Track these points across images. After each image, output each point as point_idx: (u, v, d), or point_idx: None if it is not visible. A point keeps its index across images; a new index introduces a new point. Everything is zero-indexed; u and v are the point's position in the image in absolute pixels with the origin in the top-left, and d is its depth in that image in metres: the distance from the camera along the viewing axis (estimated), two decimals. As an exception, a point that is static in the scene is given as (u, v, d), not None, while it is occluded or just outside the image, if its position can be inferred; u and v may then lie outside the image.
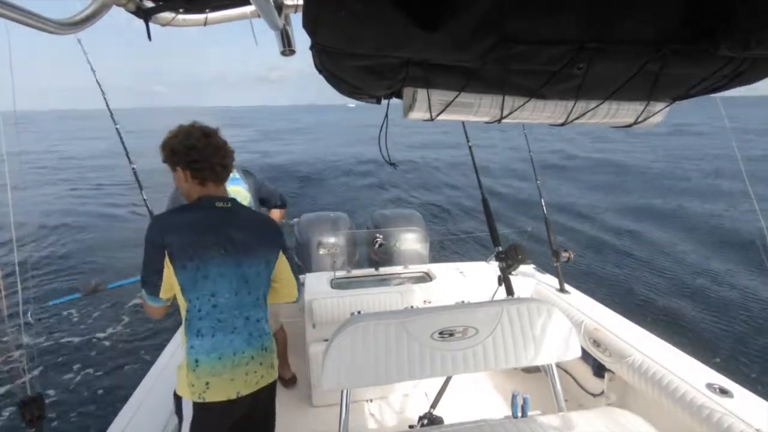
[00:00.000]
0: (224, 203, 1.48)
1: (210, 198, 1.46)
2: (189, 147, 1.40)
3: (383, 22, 0.70)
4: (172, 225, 1.40)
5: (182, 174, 1.45)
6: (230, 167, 1.50)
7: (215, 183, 1.47)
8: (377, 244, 3.51)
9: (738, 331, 5.05)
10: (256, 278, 1.50)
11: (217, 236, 1.42)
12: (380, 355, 1.45)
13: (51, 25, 0.77)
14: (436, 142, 20.83)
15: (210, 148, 1.42)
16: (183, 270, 1.38)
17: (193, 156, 1.40)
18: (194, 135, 1.41)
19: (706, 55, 0.82)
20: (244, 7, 1.29)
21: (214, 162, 1.42)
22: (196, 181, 1.45)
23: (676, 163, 16.36)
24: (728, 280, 6.47)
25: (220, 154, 1.44)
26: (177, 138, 1.43)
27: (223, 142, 1.47)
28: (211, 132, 1.46)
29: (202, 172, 1.43)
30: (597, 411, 1.56)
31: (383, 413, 2.51)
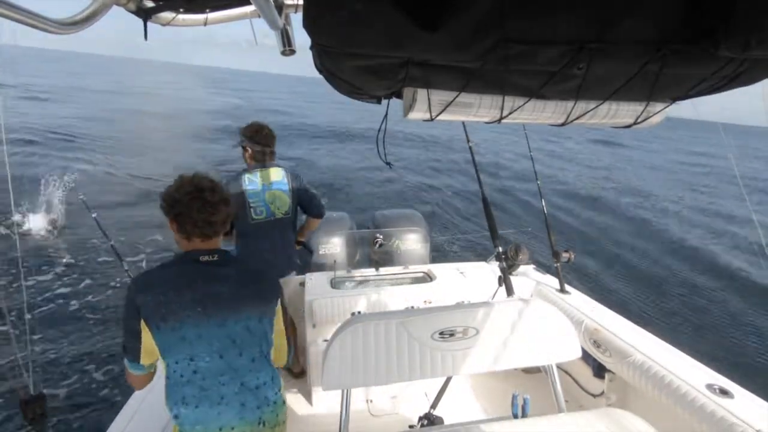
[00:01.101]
0: (210, 256, 1.36)
1: (194, 252, 1.37)
2: (174, 200, 1.33)
3: (383, 22, 0.70)
4: (148, 283, 1.31)
5: (170, 225, 1.39)
6: (219, 224, 1.38)
7: (201, 238, 1.38)
8: (377, 244, 3.51)
9: (738, 330, 5.05)
10: (247, 336, 1.35)
11: (195, 293, 1.30)
12: (380, 355, 1.45)
13: (51, 25, 0.77)
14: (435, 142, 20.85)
15: (196, 203, 1.33)
16: (158, 331, 1.27)
17: (177, 209, 1.33)
18: (184, 189, 1.34)
19: (706, 55, 0.82)
20: (244, 7, 1.29)
21: (197, 218, 1.33)
22: (183, 235, 1.38)
23: (676, 163, 16.34)
24: (729, 279, 6.46)
25: (207, 210, 1.33)
26: (170, 189, 1.37)
27: (216, 200, 1.35)
28: (204, 186, 1.35)
29: (185, 226, 1.35)
30: (597, 411, 1.56)
31: (383, 413, 2.51)
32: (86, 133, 16.00)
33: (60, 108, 22.28)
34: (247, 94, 48.32)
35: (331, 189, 11.69)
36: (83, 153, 13.13)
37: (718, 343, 4.77)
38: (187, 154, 14.34)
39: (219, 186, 1.39)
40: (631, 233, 8.65)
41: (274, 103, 38.61)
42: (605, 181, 13.74)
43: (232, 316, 1.32)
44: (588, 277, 6.31)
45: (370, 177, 12.95)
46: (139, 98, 32.27)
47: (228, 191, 1.42)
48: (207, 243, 1.39)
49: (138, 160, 12.65)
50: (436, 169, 14.72)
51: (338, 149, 17.35)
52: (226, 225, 1.41)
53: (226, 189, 1.42)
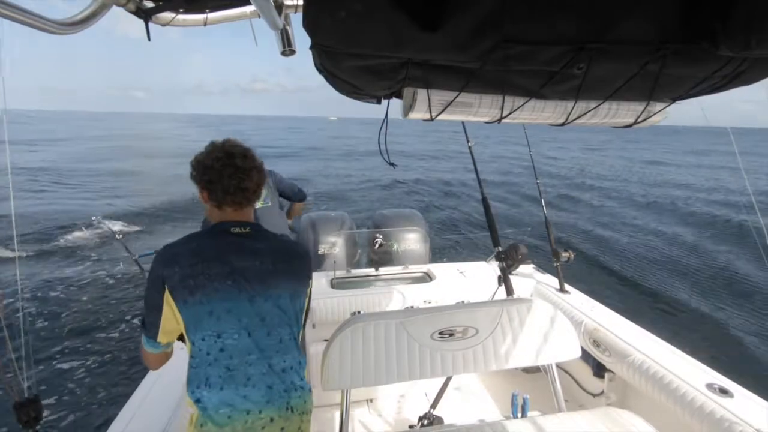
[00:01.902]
0: (241, 228, 1.29)
1: (225, 223, 1.29)
2: (206, 167, 1.27)
3: (383, 23, 0.70)
4: (175, 255, 1.22)
5: (201, 194, 1.32)
6: (251, 191, 1.31)
7: (233, 207, 1.30)
8: (377, 244, 3.51)
9: (739, 330, 5.05)
10: (276, 315, 1.27)
11: (225, 265, 1.22)
12: (380, 355, 1.45)
13: (51, 25, 0.77)
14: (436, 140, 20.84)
15: (228, 169, 1.26)
16: (184, 305, 1.19)
17: (209, 176, 1.26)
18: (214, 154, 1.27)
19: (706, 55, 0.82)
20: (244, 7, 1.29)
21: (228, 184, 1.26)
22: (214, 204, 1.30)
23: (676, 162, 16.35)
24: (729, 279, 6.47)
25: (238, 176, 1.26)
26: (200, 155, 1.30)
27: (248, 166, 1.29)
28: (236, 152, 1.29)
29: (216, 194, 1.28)
30: (597, 411, 1.56)
31: (383, 413, 2.51)
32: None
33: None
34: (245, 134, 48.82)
35: (331, 189, 11.69)
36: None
37: (718, 343, 4.77)
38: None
39: (251, 152, 1.33)
40: (631, 233, 8.66)
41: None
42: (606, 180, 13.75)
43: (263, 292, 1.25)
44: (588, 276, 6.31)
45: (370, 178, 12.95)
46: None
47: (260, 159, 1.36)
48: (239, 213, 1.32)
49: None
50: (435, 169, 14.72)
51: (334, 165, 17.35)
52: (258, 193, 1.34)
53: (258, 157, 1.37)
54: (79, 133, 42.49)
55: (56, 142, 32.47)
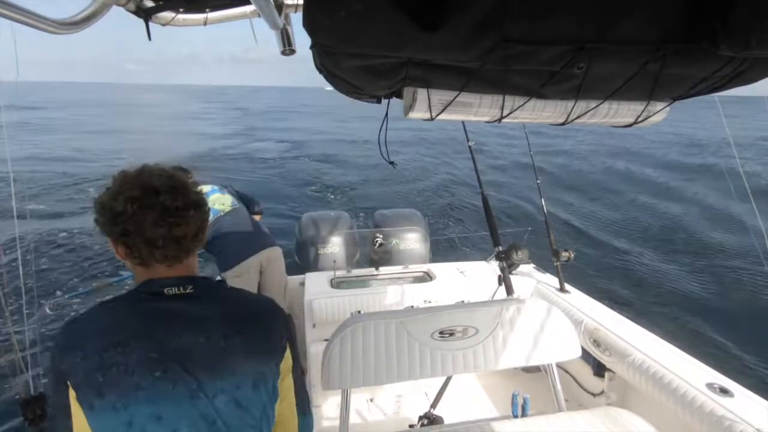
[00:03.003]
0: (179, 288, 0.91)
1: (155, 282, 0.91)
2: (116, 213, 0.87)
3: (383, 22, 0.70)
4: (79, 336, 0.86)
5: (115, 249, 0.93)
6: (189, 239, 0.92)
7: (167, 264, 0.92)
8: (377, 244, 3.51)
9: (739, 330, 5.05)
10: (234, 415, 0.87)
11: (151, 348, 0.84)
12: (380, 355, 1.45)
13: (51, 25, 0.77)
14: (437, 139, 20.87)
15: (150, 213, 0.87)
16: (91, 412, 0.81)
17: (122, 225, 0.87)
18: (125, 193, 0.87)
19: (706, 55, 0.82)
20: (244, 6, 1.29)
21: (154, 234, 0.87)
22: (136, 261, 0.92)
23: (675, 162, 16.38)
24: (729, 279, 6.47)
25: (168, 221, 0.88)
26: (105, 197, 0.90)
27: (182, 203, 0.90)
28: (160, 185, 0.89)
29: (138, 249, 0.89)
30: (597, 411, 1.56)
31: (383, 413, 2.52)
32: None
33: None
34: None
35: (331, 189, 11.70)
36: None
37: (719, 343, 4.77)
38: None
39: (182, 181, 0.94)
40: (631, 232, 8.65)
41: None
42: (606, 180, 13.76)
43: (211, 384, 0.86)
44: (588, 276, 6.31)
45: (370, 177, 12.96)
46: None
47: (199, 189, 0.98)
48: (174, 269, 0.94)
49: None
50: (436, 169, 14.73)
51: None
52: (201, 238, 0.96)
53: (193, 180, 0.98)
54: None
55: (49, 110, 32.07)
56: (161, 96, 74.92)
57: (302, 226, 3.70)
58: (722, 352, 4.57)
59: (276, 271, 2.99)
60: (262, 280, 2.95)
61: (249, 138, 21.75)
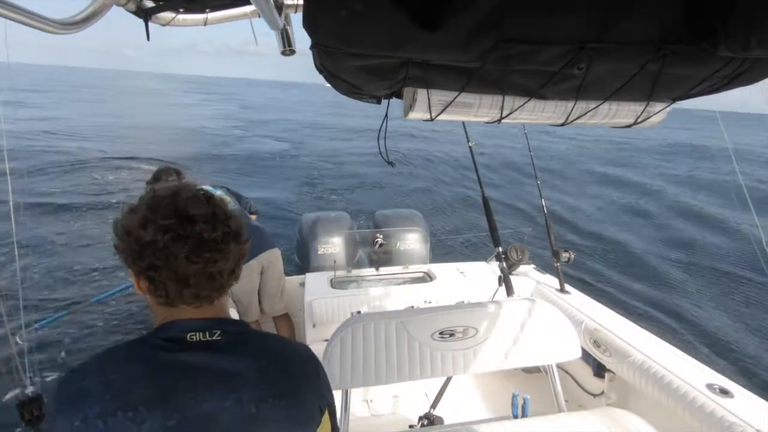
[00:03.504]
0: (204, 333, 0.78)
1: (177, 325, 0.78)
2: (143, 244, 0.73)
3: (383, 22, 0.70)
4: (81, 393, 0.71)
5: (136, 282, 0.79)
6: (226, 276, 0.80)
7: (195, 304, 0.79)
8: (377, 244, 3.51)
9: (739, 330, 5.05)
10: None
11: (165, 415, 0.70)
12: (380, 355, 1.45)
13: (51, 25, 0.77)
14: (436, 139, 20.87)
15: (185, 245, 0.73)
16: None
17: (150, 259, 0.74)
18: (157, 220, 0.73)
19: (706, 56, 0.82)
20: (244, 6, 1.29)
21: (187, 270, 0.74)
22: (160, 300, 0.78)
23: (675, 161, 16.37)
24: (730, 278, 6.47)
25: (205, 256, 0.75)
26: (130, 221, 0.75)
27: (221, 235, 0.77)
28: (197, 214, 0.75)
29: (165, 286, 0.76)
30: (597, 411, 1.56)
31: (383, 413, 2.51)
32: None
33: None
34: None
35: (331, 189, 11.70)
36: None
37: (719, 343, 4.77)
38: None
39: (222, 207, 0.80)
40: (631, 232, 8.66)
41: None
42: (606, 179, 13.76)
43: None
44: (588, 277, 6.31)
45: (370, 175, 12.96)
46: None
47: (238, 215, 0.83)
48: (203, 309, 0.80)
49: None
50: (435, 169, 14.73)
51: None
52: (237, 273, 0.83)
53: (233, 207, 0.84)
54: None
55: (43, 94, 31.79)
56: (157, 85, 74.18)
57: (303, 226, 3.70)
58: (722, 352, 4.56)
59: (276, 273, 2.98)
60: (261, 281, 2.94)
61: (247, 133, 21.63)
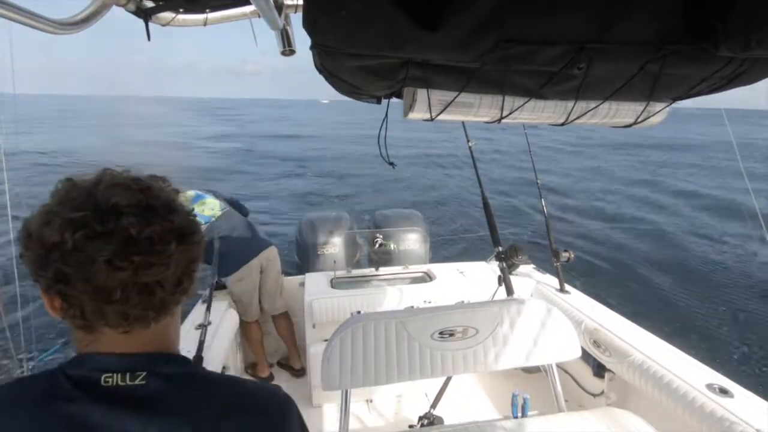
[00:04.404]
0: (124, 376, 0.58)
1: (88, 361, 0.59)
2: (49, 246, 0.54)
3: (383, 22, 0.70)
4: None
5: (47, 301, 0.58)
6: (169, 290, 0.59)
7: (121, 329, 0.58)
8: (377, 244, 3.51)
9: (739, 330, 5.05)
10: None
11: None
12: (380, 355, 1.45)
13: (51, 25, 0.77)
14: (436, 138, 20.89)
15: (105, 246, 0.54)
16: None
17: (55, 265, 0.54)
18: (66, 213, 0.54)
19: (706, 56, 0.82)
20: (244, 7, 1.29)
21: (107, 284, 0.55)
22: (75, 321, 0.58)
23: (674, 162, 16.38)
24: (731, 278, 6.47)
25: (132, 260, 0.55)
26: (33, 220, 0.57)
27: (158, 232, 0.57)
28: (122, 203, 0.56)
29: (80, 304, 0.56)
30: (597, 411, 1.56)
31: (383, 413, 2.51)
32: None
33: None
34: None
35: (331, 188, 11.70)
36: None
37: (719, 343, 4.77)
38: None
39: (162, 195, 0.60)
40: (631, 232, 8.66)
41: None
42: (606, 179, 13.77)
43: None
44: (588, 276, 6.31)
45: (370, 175, 12.96)
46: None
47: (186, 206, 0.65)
48: (132, 338, 0.60)
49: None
50: (436, 168, 14.74)
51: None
52: (186, 286, 0.62)
53: (174, 196, 0.63)
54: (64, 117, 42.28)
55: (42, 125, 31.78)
56: (155, 108, 73.34)
57: (303, 226, 3.70)
58: (722, 352, 4.57)
59: (274, 271, 2.98)
60: (260, 280, 2.94)
61: (246, 147, 21.57)
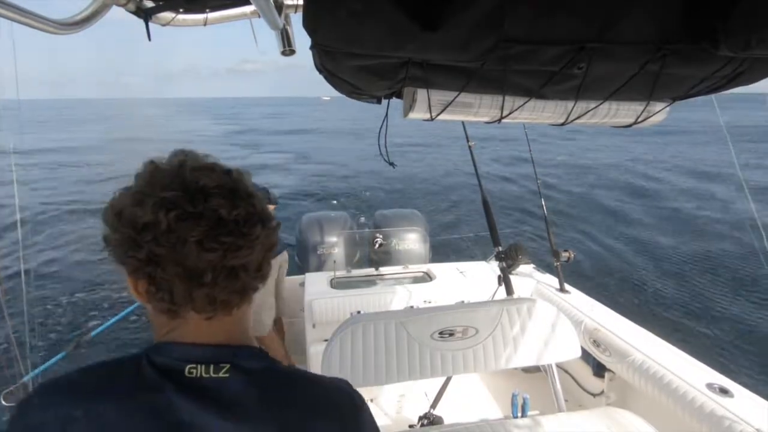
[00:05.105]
0: (208, 368, 0.57)
1: (173, 350, 0.58)
2: (141, 226, 0.54)
3: (383, 22, 0.70)
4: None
5: (132, 283, 0.58)
6: (251, 274, 0.60)
7: (206, 314, 0.58)
8: (377, 244, 3.51)
9: (739, 330, 5.05)
10: None
11: None
12: (380, 355, 1.45)
13: (51, 25, 0.77)
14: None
15: (196, 227, 0.54)
16: None
17: (150, 246, 0.54)
18: (158, 193, 0.54)
19: (706, 55, 0.82)
20: (244, 6, 1.29)
21: (199, 266, 0.55)
22: (162, 305, 0.57)
23: (674, 162, 16.39)
24: (729, 279, 6.47)
25: (223, 240, 0.55)
26: (122, 200, 0.56)
27: (244, 214, 0.57)
28: (209, 185, 0.56)
29: (169, 287, 0.56)
30: (597, 411, 1.56)
31: (383, 413, 2.51)
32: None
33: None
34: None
35: (331, 188, 11.70)
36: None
37: (719, 343, 4.77)
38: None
39: (242, 180, 0.61)
40: (631, 232, 8.66)
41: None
42: (606, 178, 13.77)
43: None
44: (588, 276, 6.31)
45: (370, 177, 12.96)
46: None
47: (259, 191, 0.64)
48: (215, 324, 0.60)
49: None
50: (435, 168, 14.75)
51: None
52: (264, 272, 0.62)
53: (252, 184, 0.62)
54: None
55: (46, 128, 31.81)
56: (160, 110, 73.53)
57: (302, 226, 3.70)
58: (722, 352, 4.57)
59: (284, 275, 3.01)
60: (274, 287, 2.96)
61: (249, 149, 21.61)
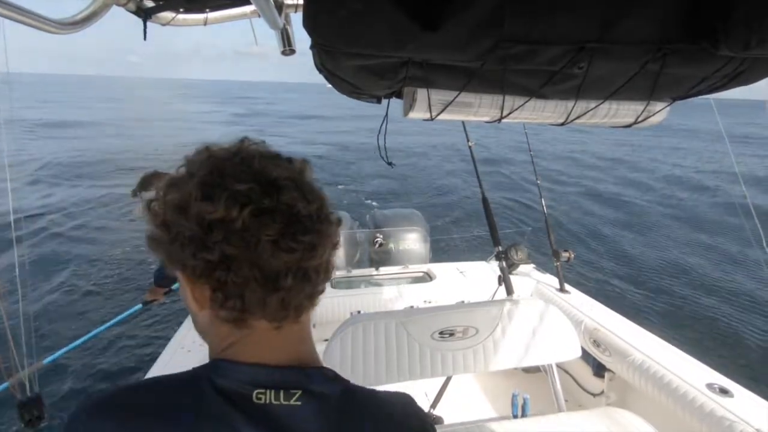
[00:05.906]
0: (278, 394, 0.49)
1: (240, 372, 0.50)
2: (208, 224, 0.46)
3: (383, 22, 0.70)
4: None
5: (189, 289, 0.51)
6: (321, 278, 0.54)
7: (276, 321, 0.51)
8: (377, 244, 3.51)
9: (739, 330, 5.06)
10: None
11: None
12: (380, 355, 1.45)
13: (51, 25, 0.77)
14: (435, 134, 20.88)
15: (272, 225, 0.47)
16: None
17: (221, 247, 0.46)
18: (232, 185, 0.47)
19: (706, 55, 0.82)
20: (244, 6, 1.29)
21: (277, 267, 0.48)
22: (230, 314, 0.50)
23: (674, 162, 16.38)
24: (729, 279, 6.47)
25: (300, 241, 0.49)
26: (191, 186, 0.48)
27: (316, 210, 0.51)
28: (280, 177, 0.49)
29: (241, 292, 0.48)
30: (597, 411, 1.56)
31: None
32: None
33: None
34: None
35: (331, 188, 11.70)
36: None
37: (719, 342, 4.78)
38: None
39: (306, 169, 0.55)
40: (631, 232, 8.66)
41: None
42: (605, 178, 13.78)
43: None
44: (588, 276, 6.31)
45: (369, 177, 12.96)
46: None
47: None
48: (283, 335, 0.54)
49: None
50: (435, 168, 14.74)
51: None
52: (329, 275, 0.57)
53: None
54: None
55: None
56: (162, 92, 74.10)
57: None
58: (722, 352, 4.57)
59: None
60: None
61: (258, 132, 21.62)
